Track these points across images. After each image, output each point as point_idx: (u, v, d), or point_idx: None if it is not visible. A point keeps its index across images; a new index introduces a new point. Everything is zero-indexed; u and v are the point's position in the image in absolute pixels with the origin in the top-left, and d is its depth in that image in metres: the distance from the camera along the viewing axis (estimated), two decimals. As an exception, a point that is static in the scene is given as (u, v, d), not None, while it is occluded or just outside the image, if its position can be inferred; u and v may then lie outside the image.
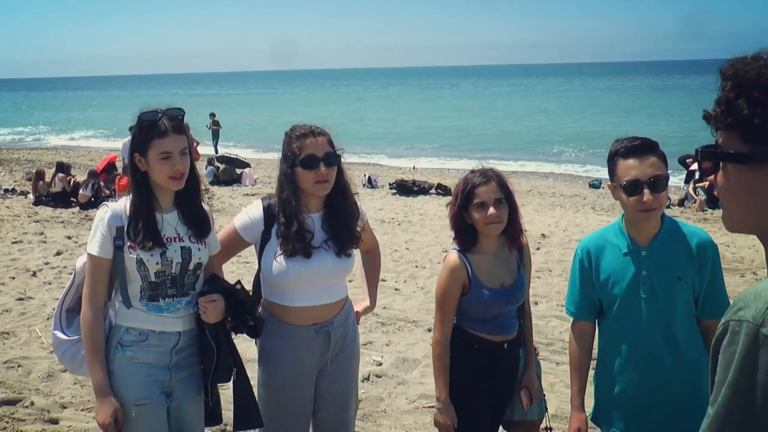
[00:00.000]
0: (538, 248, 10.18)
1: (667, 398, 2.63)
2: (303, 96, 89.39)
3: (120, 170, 14.69)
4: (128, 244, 2.67)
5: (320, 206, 2.99)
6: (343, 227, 2.98)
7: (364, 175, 18.75)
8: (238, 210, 3.25)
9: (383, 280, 8.15)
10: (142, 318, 2.73)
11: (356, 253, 3.14)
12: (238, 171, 18.77)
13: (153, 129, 2.65)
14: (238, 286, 2.83)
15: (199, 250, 2.81)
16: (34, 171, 15.39)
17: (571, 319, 2.92)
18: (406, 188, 16.53)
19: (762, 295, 1.14)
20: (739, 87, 1.20)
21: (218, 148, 23.92)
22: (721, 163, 1.29)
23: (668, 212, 9.34)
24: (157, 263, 2.70)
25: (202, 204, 2.91)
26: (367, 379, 5.27)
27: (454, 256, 3.03)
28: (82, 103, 78.19)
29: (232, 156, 19.87)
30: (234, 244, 3.05)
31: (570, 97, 68.86)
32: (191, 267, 2.80)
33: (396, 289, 7.89)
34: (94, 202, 13.98)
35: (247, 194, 16.30)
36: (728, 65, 1.24)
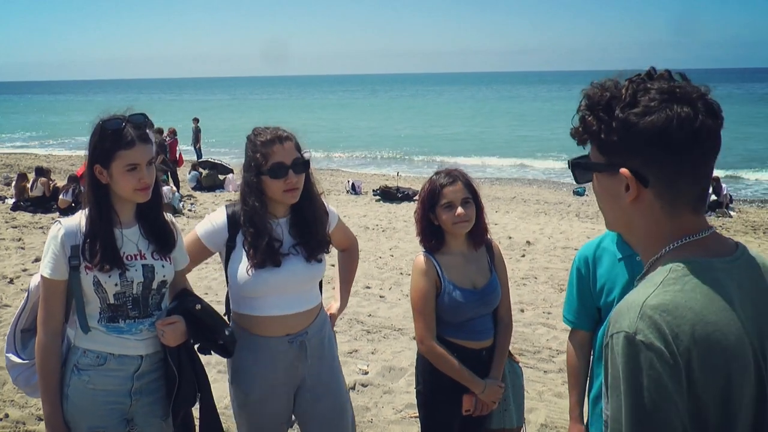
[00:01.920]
0: (523, 255, 10.16)
1: None
2: (291, 102, 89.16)
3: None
4: (84, 264, 2.46)
5: (286, 211, 2.87)
6: (312, 232, 2.85)
7: (348, 181, 18.70)
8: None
9: (367, 288, 8.07)
10: (100, 340, 2.53)
11: (331, 258, 3.06)
12: (221, 177, 18.61)
13: (118, 139, 2.43)
14: (198, 306, 2.62)
15: (163, 267, 2.62)
16: (15, 174, 15.13)
17: (562, 327, 2.88)
18: (390, 195, 16.48)
19: (633, 306, 1.28)
20: (589, 106, 1.40)
21: (201, 153, 23.69)
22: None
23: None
24: (116, 284, 2.49)
25: (165, 216, 2.71)
26: (353, 388, 5.15)
27: (422, 258, 2.99)
28: (64, 108, 77.32)
29: (215, 161, 19.72)
30: (196, 252, 2.86)
31: (556, 103, 69.20)
32: (155, 286, 2.60)
33: (381, 297, 7.80)
34: (75, 208, 13.77)
35: (230, 200, 16.00)
36: (588, 86, 1.43)
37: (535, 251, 10.53)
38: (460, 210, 2.90)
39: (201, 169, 18.62)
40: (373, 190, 17.34)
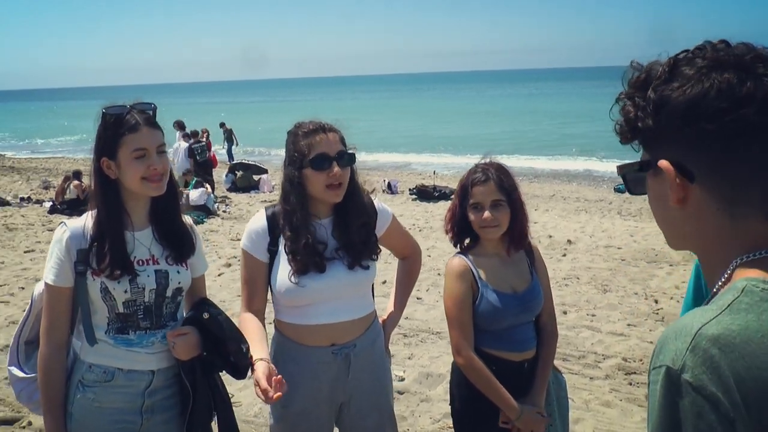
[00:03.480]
0: (564, 255, 9.85)
1: None
2: (321, 103, 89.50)
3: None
4: (91, 269, 2.25)
5: (330, 211, 2.63)
6: (357, 235, 2.58)
7: (384, 180, 18.52)
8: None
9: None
10: (108, 353, 2.31)
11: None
12: (256, 177, 18.59)
13: (121, 124, 2.24)
14: (205, 315, 2.38)
15: (179, 273, 2.40)
16: (56, 178, 15.20)
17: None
18: (426, 194, 16.23)
19: (683, 333, 0.97)
20: (627, 90, 1.15)
21: (233, 156, 23.73)
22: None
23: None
24: (126, 291, 2.28)
25: (183, 218, 2.50)
26: (388, 395, 4.92)
27: (456, 260, 2.74)
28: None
29: (249, 162, 19.74)
30: (256, 272, 2.59)
31: (586, 100, 68.24)
32: (169, 294, 2.38)
33: (418, 299, 7.57)
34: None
35: (265, 201, 16.12)
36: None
37: (577, 250, 10.20)
38: (487, 214, 2.63)
39: (236, 171, 18.64)
40: (410, 189, 17.12)
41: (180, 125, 18.06)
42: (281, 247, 2.54)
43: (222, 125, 23.92)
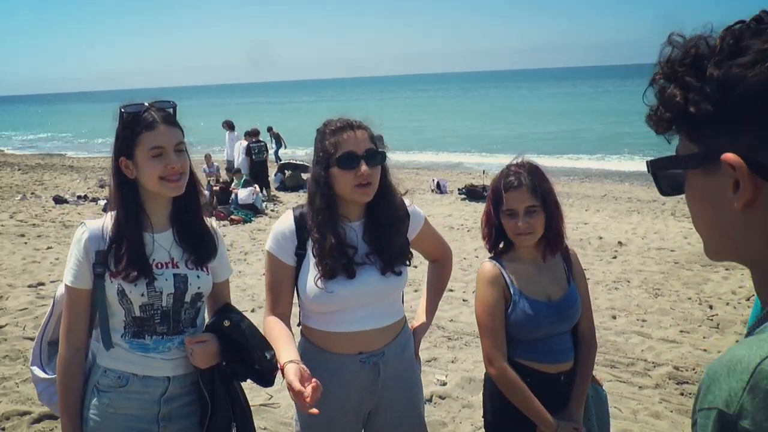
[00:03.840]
0: (614, 257, 9.63)
1: None
2: (368, 103, 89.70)
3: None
4: (109, 271, 2.21)
5: (361, 213, 2.51)
6: (389, 239, 2.47)
7: (433, 180, 18.42)
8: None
9: (450, 290, 7.76)
10: (123, 358, 2.26)
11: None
12: (304, 176, 18.69)
13: (138, 122, 2.19)
14: (225, 323, 2.32)
15: (198, 277, 2.33)
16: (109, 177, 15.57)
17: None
18: (475, 193, 16.06)
19: (738, 369, 0.81)
20: (668, 72, 0.95)
21: (279, 157, 23.86)
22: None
23: None
24: (143, 295, 2.22)
25: (206, 220, 2.44)
26: (429, 400, 4.86)
27: (488, 265, 2.63)
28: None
29: (297, 162, 19.89)
30: (281, 276, 2.48)
31: (628, 97, 66.72)
32: (187, 299, 2.31)
33: (464, 300, 7.48)
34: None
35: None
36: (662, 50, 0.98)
37: (628, 252, 9.95)
38: (520, 221, 2.51)
39: (285, 171, 18.81)
40: (459, 189, 16.98)
41: (229, 125, 18.31)
42: (309, 251, 2.45)
43: (270, 129, 24.06)
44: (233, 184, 15.36)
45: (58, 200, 15.42)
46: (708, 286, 8.03)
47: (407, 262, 2.56)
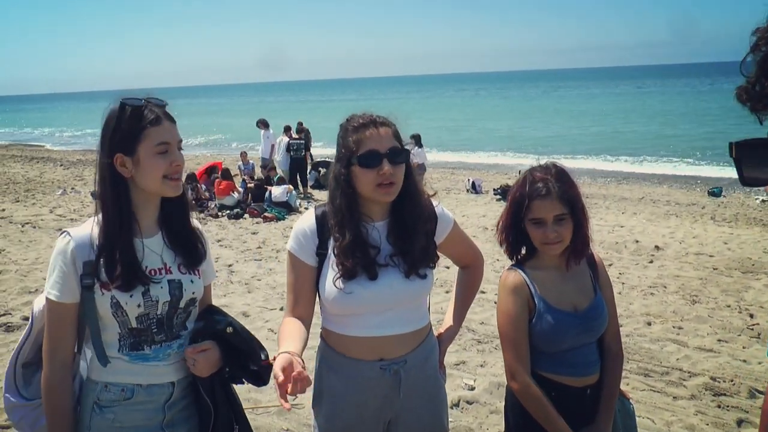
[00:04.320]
0: (651, 261, 9.41)
1: None
2: (407, 103, 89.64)
3: (220, 174, 14.90)
4: (100, 282, 2.05)
5: (385, 213, 2.41)
6: (413, 240, 2.36)
7: (468, 180, 18.32)
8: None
9: (482, 292, 7.65)
10: (124, 370, 2.13)
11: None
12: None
13: (142, 116, 2.06)
14: (229, 329, 2.23)
15: (192, 282, 2.22)
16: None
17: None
18: (510, 193, 15.90)
19: None
20: None
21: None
22: None
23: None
24: (139, 305, 2.08)
25: (192, 221, 2.31)
26: (457, 405, 4.79)
27: (511, 273, 2.51)
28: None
29: (330, 160, 19.95)
30: (302, 277, 2.39)
31: (673, 97, 65.72)
32: (182, 305, 2.20)
33: (496, 303, 7.35)
34: (194, 205, 14.30)
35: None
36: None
37: (665, 257, 9.72)
38: (549, 231, 2.40)
39: (320, 168, 18.85)
40: (494, 189, 16.85)
41: (264, 123, 18.41)
42: (331, 251, 2.35)
43: (300, 125, 23.89)
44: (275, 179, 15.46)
45: (96, 195, 15.64)
46: (749, 293, 7.79)
47: (432, 265, 2.45)
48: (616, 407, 2.55)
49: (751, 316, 6.94)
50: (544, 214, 2.40)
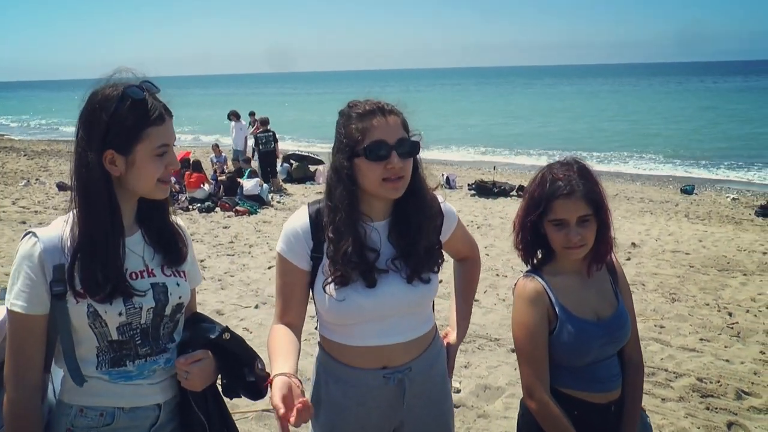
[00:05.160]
0: (628, 259, 9.38)
1: None
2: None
3: (190, 167, 14.57)
4: (74, 290, 1.79)
5: (386, 212, 2.19)
6: (418, 242, 2.15)
7: (442, 174, 18.18)
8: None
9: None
10: (103, 391, 1.86)
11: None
12: (312, 168, 18.48)
13: (146, 112, 1.80)
14: (227, 335, 1.99)
15: (178, 285, 1.98)
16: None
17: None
18: (485, 189, 15.86)
19: None
20: None
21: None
22: None
23: None
24: (120, 313, 1.82)
25: (171, 217, 2.06)
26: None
27: (529, 280, 2.29)
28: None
29: (304, 153, 19.67)
30: (293, 282, 2.17)
31: (647, 96, 66.60)
32: (168, 312, 1.94)
33: (475, 300, 7.21)
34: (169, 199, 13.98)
35: (320, 192, 15.94)
36: None
37: (642, 254, 9.70)
38: (573, 233, 2.18)
39: (292, 161, 18.59)
40: (468, 185, 16.76)
41: (236, 115, 18.10)
42: (326, 253, 2.14)
43: (251, 114, 22.66)
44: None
45: (62, 187, 15.18)
46: (726, 291, 7.79)
47: (437, 269, 2.25)
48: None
49: (730, 314, 6.93)
50: (567, 215, 2.19)
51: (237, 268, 8.73)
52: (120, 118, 1.78)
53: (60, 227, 1.85)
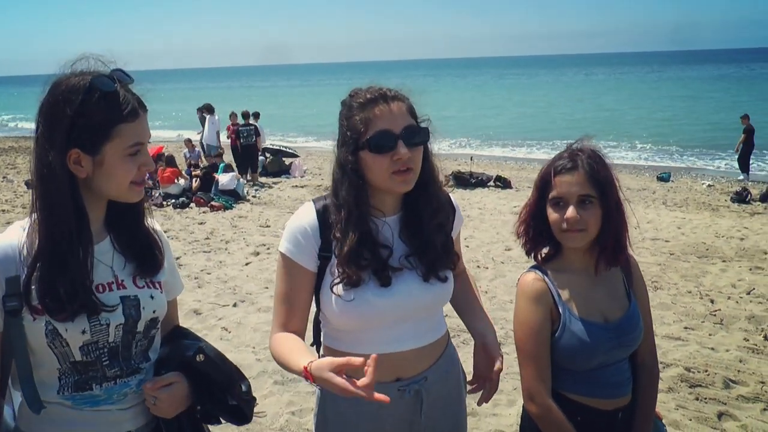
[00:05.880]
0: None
1: None
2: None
3: (164, 162, 14.28)
4: (30, 306, 1.59)
5: (397, 206, 2.03)
6: (433, 237, 1.99)
7: (417, 166, 18.10)
8: (286, 203, 2.14)
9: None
10: (66, 419, 1.66)
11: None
12: (287, 162, 18.27)
13: (117, 107, 1.59)
14: (200, 357, 1.77)
15: (152, 298, 1.76)
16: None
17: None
18: (463, 180, 15.77)
19: None
20: None
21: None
22: None
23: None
24: (84, 332, 1.62)
25: (147, 221, 1.84)
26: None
27: (531, 276, 2.14)
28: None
29: (279, 147, 19.46)
30: (299, 285, 1.99)
31: (623, 85, 67.12)
32: (140, 328, 1.73)
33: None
34: (147, 198, 13.71)
35: (296, 186, 15.84)
36: None
37: (622, 243, 9.66)
38: (570, 212, 2.00)
39: (266, 155, 18.36)
40: (445, 176, 16.65)
41: (209, 109, 17.79)
42: (335, 253, 1.96)
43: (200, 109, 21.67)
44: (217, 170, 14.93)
45: (30, 185, 14.84)
46: (707, 278, 7.79)
47: (452, 266, 2.09)
48: None
49: (712, 301, 6.92)
50: (566, 191, 2.03)
51: (214, 265, 8.53)
52: (87, 113, 1.57)
53: (16, 234, 1.66)
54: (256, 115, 17.29)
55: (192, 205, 13.25)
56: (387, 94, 1.92)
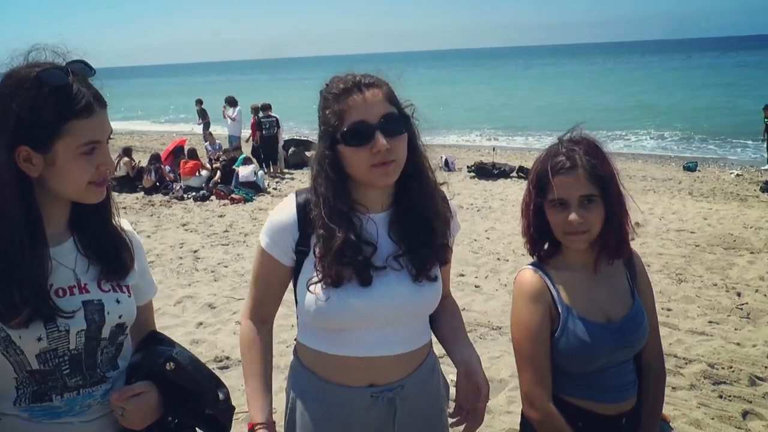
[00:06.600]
0: (632, 238, 9.12)
1: None
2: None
3: (185, 155, 14.35)
4: None
5: (386, 203, 1.92)
6: (424, 232, 1.88)
7: (441, 157, 17.89)
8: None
9: (461, 275, 7.32)
10: (22, 431, 1.55)
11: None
12: (308, 154, 18.21)
13: (68, 101, 1.49)
14: (170, 365, 1.67)
15: (119, 302, 1.65)
16: (121, 149, 14.90)
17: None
18: (485, 171, 15.57)
19: None
20: None
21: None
22: None
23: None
24: (40, 339, 1.51)
25: (115, 220, 1.73)
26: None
27: (529, 273, 2.05)
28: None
29: (301, 138, 19.39)
30: (272, 276, 1.94)
31: (649, 74, 66.17)
32: (105, 335, 1.63)
33: (476, 287, 7.03)
34: (158, 187, 13.77)
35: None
36: None
37: (646, 234, 9.44)
38: (573, 216, 1.92)
39: (292, 148, 18.31)
40: (468, 167, 16.47)
41: (231, 101, 17.76)
42: (313, 248, 1.87)
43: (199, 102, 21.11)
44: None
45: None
46: (733, 271, 7.57)
47: (445, 262, 1.98)
48: None
49: (739, 294, 6.72)
50: (567, 194, 1.93)
51: (231, 258, 8.51)
52: (34, 108, 1.47)
53: None
54: (267, 106, 17.20)
55: (212, 197, 13.27)
56: (360, 81, 1.80)
